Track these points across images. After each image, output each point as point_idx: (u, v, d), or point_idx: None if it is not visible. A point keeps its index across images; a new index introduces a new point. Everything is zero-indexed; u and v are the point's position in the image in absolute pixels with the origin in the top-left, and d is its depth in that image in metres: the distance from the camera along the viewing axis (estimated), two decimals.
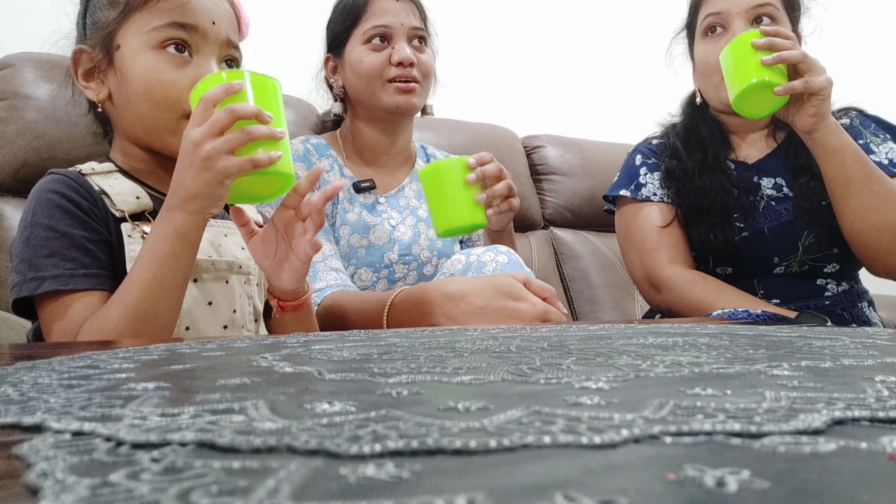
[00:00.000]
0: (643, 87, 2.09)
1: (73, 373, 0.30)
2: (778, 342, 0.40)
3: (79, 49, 0.75)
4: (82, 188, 0.71)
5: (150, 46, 0.72)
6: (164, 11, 0.72)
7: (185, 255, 0.65)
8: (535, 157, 1.84)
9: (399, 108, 1.07)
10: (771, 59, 0.92)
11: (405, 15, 1.07)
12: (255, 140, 0.62)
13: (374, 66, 1.06)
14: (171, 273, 0.64)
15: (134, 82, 0.72)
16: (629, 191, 1.17)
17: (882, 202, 0.97)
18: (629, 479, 0.13)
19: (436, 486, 0.13)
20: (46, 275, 0.66)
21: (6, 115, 1.15)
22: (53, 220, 0.68)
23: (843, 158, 0.96)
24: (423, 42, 1.10)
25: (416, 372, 0.28)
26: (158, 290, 0.63)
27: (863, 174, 0.96)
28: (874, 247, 1.00)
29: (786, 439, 0.16)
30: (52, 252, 0.67)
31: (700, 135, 1.15)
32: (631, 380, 0.25)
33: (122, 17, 0.73)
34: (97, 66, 0.75)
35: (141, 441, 0.17)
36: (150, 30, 0.72)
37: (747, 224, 1.08)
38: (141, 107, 0.73)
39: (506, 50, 2.13)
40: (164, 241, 0.64)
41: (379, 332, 0.54)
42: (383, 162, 1.16)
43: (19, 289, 0.67)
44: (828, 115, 0.95)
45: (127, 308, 0.63)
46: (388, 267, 1.08)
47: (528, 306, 0.77)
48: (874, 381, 0.24)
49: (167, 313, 0.65)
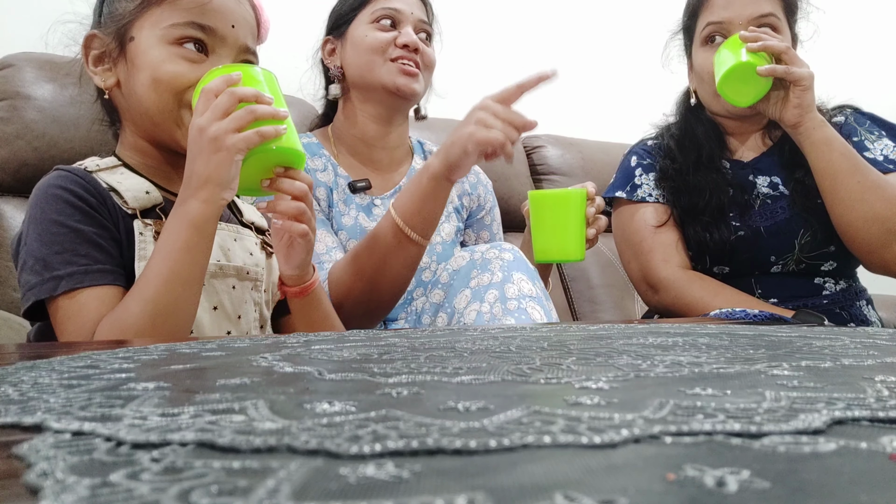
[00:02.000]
0: (643, 87, 2.09)
1: (73, 373, 0.30)
2: (778, 342, 0.40)
3: (91, 34, 0.75)
4: (90, 185, 0.70)
5: (166, 42, 0.72)
6: (183, 10, 0.72)
7: (200, 246, 0.65)
8: (535, 157, 1.84)
9: (399, 90, 1.04)
10: (756, 46, 0.97)
11: (415, 7, 1.08)
12: (259, 118, 0.63)
13: (378, 42, 1.04)
14: (188, 266, 0.64)
15: (143, 72, 0.72)
16: (625, 192, 1.17)
17: (869, 192, 0.98)
18: (629, 479, 0.13)
19: (436, 486, 0.13)
20: (62, 273, 0.65)
21: (6, 115, 1.15)
22: (63, 216, 0.68)
23: (830, 151, 0.98)
24: (428, 38, 1.10)
25: (416, 372, 0.28)
26: (177, 284, 0.63)
27: (849, 166, 0.98)
28: (865, 239, 1.01)
29: (786, 439, 0.16)
30: (64, 248, 0.66)
31: (695, 134, 1.15)
32: (631, 380, 0.25)
33: (139, 10, 0.72)
34: (108, 54, 0.74)
35: (141, 441, 0.17)
36: (168, 26, 0.72)
37: (743, 223, 1.08)
38: (148, 97, 0.72)
39: (506, 50, 2.13)
40: (180, 233, 0.64)
41: (379, 333, 0.54)
42: (378, 158, 1.13)
43: (38, 290, 0.65)
44: (812, 109, 0.98)
45: (147, 303, 0.62)
46: None
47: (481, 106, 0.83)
48: (874, 381, 0.24)
49: (187, 307, 0.65)
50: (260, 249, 0.82)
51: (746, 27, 1.06)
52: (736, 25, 1.07)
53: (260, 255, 0.81)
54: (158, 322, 0.62)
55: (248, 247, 0.80)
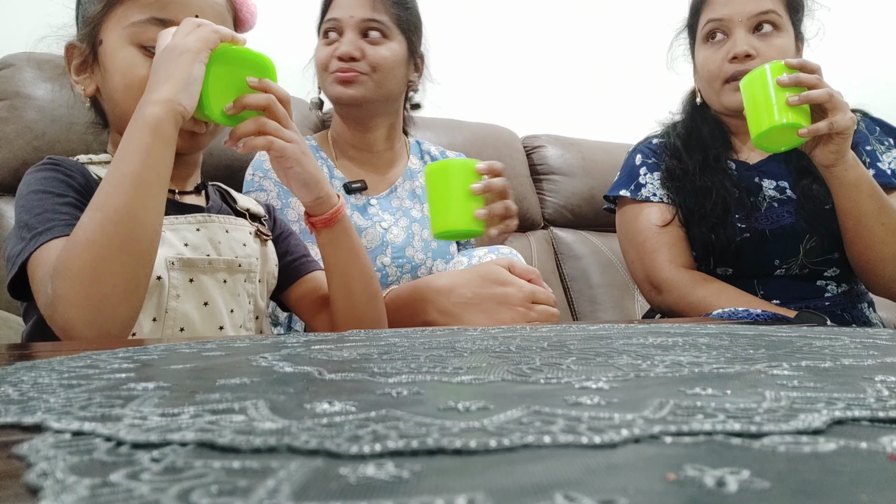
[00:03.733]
0: (643, 87, 2.09)
1: (73, 373, 0.30)
2: (778, 342, 0.40)
3: (71, 44, 0.76)
4: (77, 171, 0.72)
5: (130, 41, 0.72)
6: (144, 6, 0.72)
7: (157, 150, 0.61)
8: (535, 157, 1.84)
9: (339, 99, 1.07)
10: (797, 100, 0.88)
11: (356, 7, 1.05)
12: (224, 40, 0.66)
13: (321, 60, 1.08)
14: (143, 168, 0.60)
15: (114, 77, 0.73)
16: (629, 191, 1.17)
17: (891, 235, 0.97)
18: (629, 479, 0.13)
19: (436, 486, 0.13)
20: (42, 228, 0.64)
21: (6, 115, 1.15)
22: (45, 185, 0.68)
23: (858, 193, 0.95)
24: (381, 34, 1.07)
25: (416, 372, 0.28)
26: (128, 186, 0.59)
27: (875, 208, 0.96)
28: (879, 274, 1.02)
29: (786, 439, 0.16)
30: (44, 209, 0.66)
31: (701, 135, 1.15)
32: (631, 380, 0.25)
33: (105, 11, 0.73)
34: (86, 61, 0.75)
35: (141, 441, 0.17)
36: (130, 24, 0.72)
37: (748, 225, 1.08)
38: (122, 102, 0.73)
39: (506, 50, 2.13)
40: (135, 135, 0.61)
41: (379, 332, 0.54)
42: (371, 161, 1.15)
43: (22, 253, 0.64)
44: (848, 151, 0.93)
45: (96, 210, 0.59)
46: (381, 271, 1.07)
47: (515, 290, 0.79)
48: (874, 381, 0.24)
49: (143, 212, 0.60)
50: (254, 238, 0.82)
51: (746, 24, 1.06)
52: (736, 22, 1.07)
53: (254, 245, 0.81)
54: (109, 229, 0.58)
55: (241, 237, 0.80)
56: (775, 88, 0.89)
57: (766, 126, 0.89)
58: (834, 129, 0.88)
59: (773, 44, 1.08)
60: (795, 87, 0.89)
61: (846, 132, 0.89)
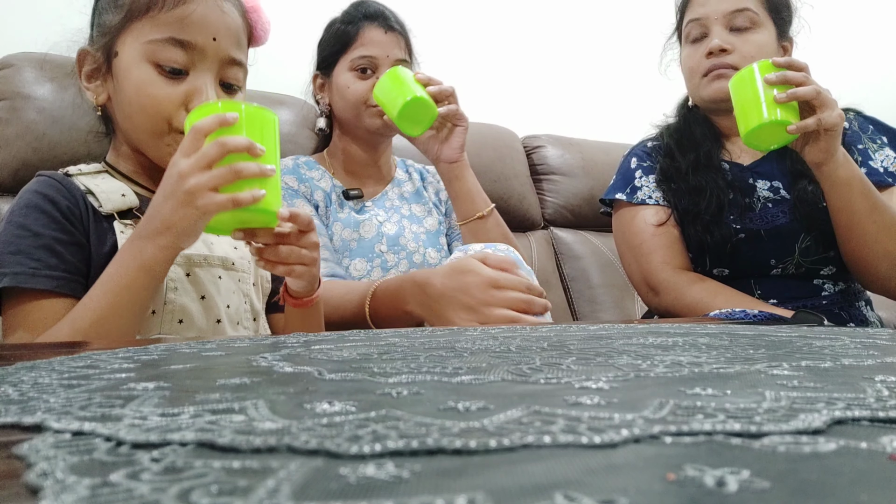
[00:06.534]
0: (643, 87, 2.09)
1: (73, 373, 0.30)
2: (778, 342, 0.40)
3: (84, 51, 0.76)
4: (64, 188, 0.72)
5: (146, 59, 0.71)
6: (164, 24, 0.71)
7: (147, 287, 0.64)
8: (535, 157, 1.84)
9: (380, 131, 1.16)
10: (784, 97, 0.88)
11: (392, 48, 1.13)
12: (242, 179, 0.59)
13: (359, 94, 1.13)
14: (127, 303, 0.63)
15: (127, 92, 0.72)
16: (625, 194, 1.18)
17: (884, 233, 0.97)
18: (629, 479, 0.13)
19: (436, 486, 0.13)
20: (7, 271, 0.66)
21: (6, 115, 1.15)
22: (28, 220, 0.69)
23: (850, 191, 0.95)
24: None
25: (416, 372, 0.28)
26: (112, 319, 0.62)
27: (867, 206, 0.96)
28: (873, 272, 1.02)
29: (786, 439, 0.16)
30: (19, 250, 0.67)
31: (693, 134, 1.16)
32: (631, 380, 0.25)
33: (123, 24, 0.72)
34: (99, 69, 0.75)
35: (141, 441, 0.17)
36: (148, 42, 0.71)
37: (743, 225, 1.08)
38: (134, 117, 0.73)
39: (506, 50, 2.13)
40: (128, 271, 0.62)
41: (379, 332, 0.54)
42: (368, 174, 1.24)
43: None
44: (838, 149, 0.93)
45: (76, 333, 0.62)
46: (380, 256, 1.14)
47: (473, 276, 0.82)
48: (874, 381, 0.24)
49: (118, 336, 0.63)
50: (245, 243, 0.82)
51: (723, 21, 1.09)
52: (713, 20, 1.10)
53: (245, 249, 0.82)
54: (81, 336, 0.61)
55: (233, 241, 0.81)
56: (763, 86, 0.90)
57: (755, 123, 0.90)
58: (822, 125, 0.89)
59: (749, 39, 1.09)
60: (783, 84, 0.90)
61: (835, 129, 0.90)
